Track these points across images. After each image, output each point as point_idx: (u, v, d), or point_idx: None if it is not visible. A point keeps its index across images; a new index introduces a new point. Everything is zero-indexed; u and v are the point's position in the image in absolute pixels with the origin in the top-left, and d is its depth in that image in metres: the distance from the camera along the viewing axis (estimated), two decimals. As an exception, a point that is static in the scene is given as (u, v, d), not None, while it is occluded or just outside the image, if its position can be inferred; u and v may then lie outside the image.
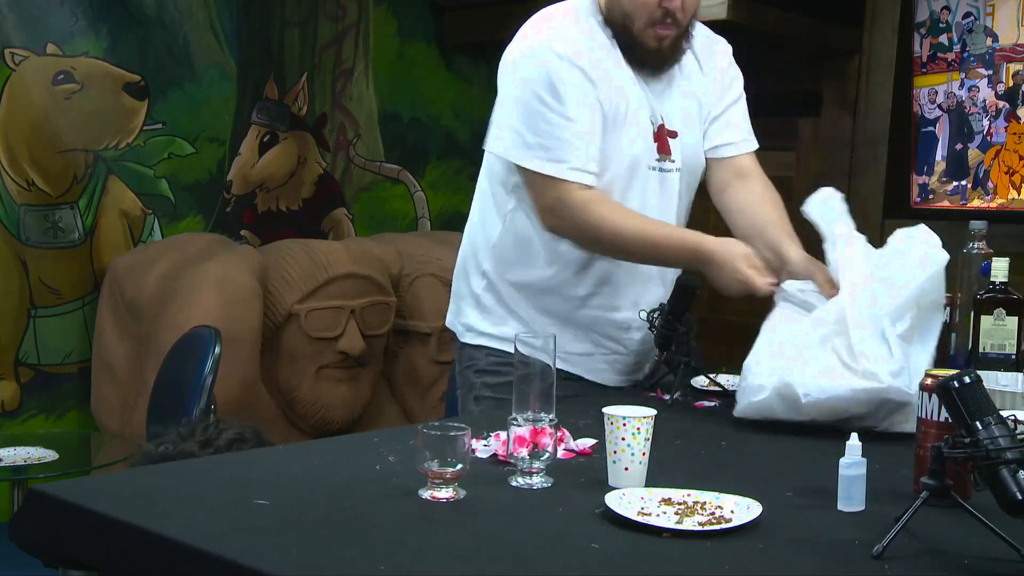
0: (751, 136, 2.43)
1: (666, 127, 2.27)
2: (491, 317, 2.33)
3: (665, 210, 2.29)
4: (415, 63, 5.07)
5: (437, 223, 5.17)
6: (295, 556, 1.31)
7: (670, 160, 2.28)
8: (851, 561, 1.35)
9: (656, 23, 2.17)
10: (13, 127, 3.97)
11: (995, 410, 1.40)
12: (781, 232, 2.27)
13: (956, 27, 4.29)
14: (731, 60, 2.42)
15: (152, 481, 1.64)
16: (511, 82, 2.23)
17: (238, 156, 4.55)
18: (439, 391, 4.33)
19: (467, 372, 2.38)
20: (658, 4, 2.15)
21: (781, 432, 2.00)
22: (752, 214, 2.33)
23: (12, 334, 4.01)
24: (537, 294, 2.29)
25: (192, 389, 3.10)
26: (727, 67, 2.40)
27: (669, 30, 2.19)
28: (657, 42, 2.20)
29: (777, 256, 2.22)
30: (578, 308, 2.29)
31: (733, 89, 2.40)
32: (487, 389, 2.31)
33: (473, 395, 2.35)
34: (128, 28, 4.20)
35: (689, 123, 2.32)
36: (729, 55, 2.41)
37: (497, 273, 2.32)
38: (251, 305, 3.83)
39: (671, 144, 2.28)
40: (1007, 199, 4.18)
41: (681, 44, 2.25)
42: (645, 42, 2.20)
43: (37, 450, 3.23)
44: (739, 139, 2.41)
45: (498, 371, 2.27)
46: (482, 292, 2.34)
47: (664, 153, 2.27)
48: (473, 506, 1.52)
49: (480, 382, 2.33)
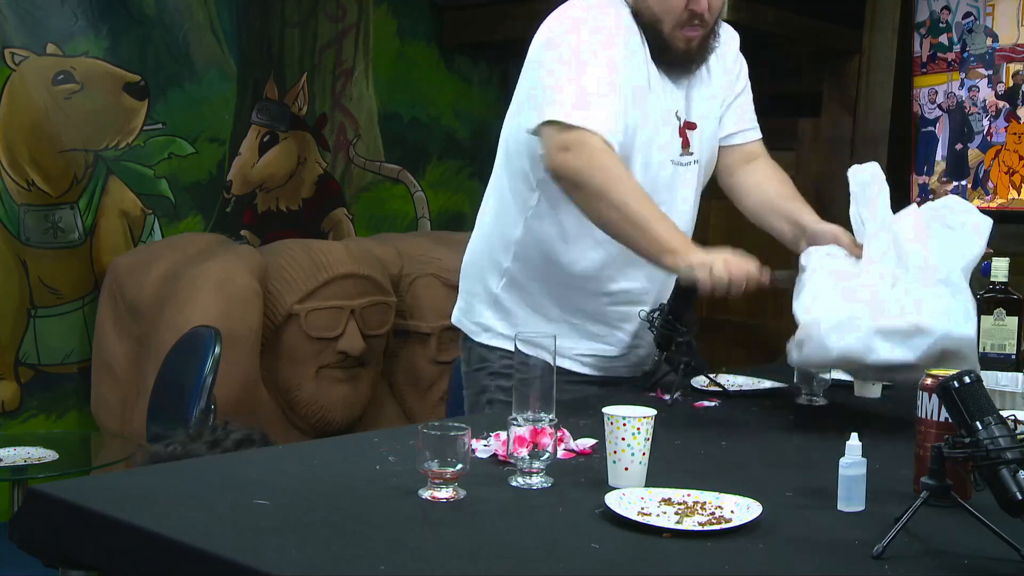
0: (756, 124, 2.47)
1: (688, 120, 2.29)
2: (510, 318, 2.31)
3: (683, 201, 2.30)
4: (415, 63, 5.07)
5: (437, 223, 5.17)
6: (295, 556, 1.31)
7: (689, 153, 2.29)
8: (851, 561, 1.35)
9: (684, 25, 2.18)
10: (13, 127, 3.97)
11: (995, 410, 1.40)
12: (797, 202, 2.31)
13: (956, 27, 4.29)
14: (738, 49, 2.43)
15: (152, 481, 1.64)
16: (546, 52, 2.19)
17: (238, 156, 4.55)
18: (439, 391, 4.33)
19: (478, 374, 2.36)
20: (685, 7, 2.16)
21: (781, 432, 2.00)
22: (763, 191, 2.37)
23: (12, 334, 4.01)
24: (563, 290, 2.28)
25: (192, 389, 3.10)
26: (736, 56, 2.43)
27: (696, 31, 2.20)
28: (686, 44, 2.21)
29: (796, 226, 2.25)
30: (605, 304, 2.28)
31: (741, 78, 2.44)
32: (501, 392, 2.29)
33: (486, 397, 2.34)
34: (128, 28, 4.20)
35: (707, 115, 2.34)
36: (736, 44, 2.43)
37: (520, 271, 2.31)
38: (251, 305, 3.83)
39: (691, 136, 2.29)
40: (1007, 199, 4.18)
41: (708, 44, 2.26)
42: (675, 44, 2.20)
43: (37, 450, 3.23)
44: (749, 126, 2.45)
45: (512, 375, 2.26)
46: (501, 292, 2.33)
47: (685, 148, 2.28)
48: (473, 506, 1.52)
49: (495, 385, 2.32)
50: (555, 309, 2.29)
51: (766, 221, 2.34)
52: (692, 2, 2.15)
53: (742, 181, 2.41)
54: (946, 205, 2.10)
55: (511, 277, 2.31)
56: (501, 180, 2.36)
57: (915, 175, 4.40)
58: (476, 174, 5.15)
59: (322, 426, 4.05)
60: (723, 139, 2.41)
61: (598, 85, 2.10)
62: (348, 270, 4.07)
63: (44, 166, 4.04)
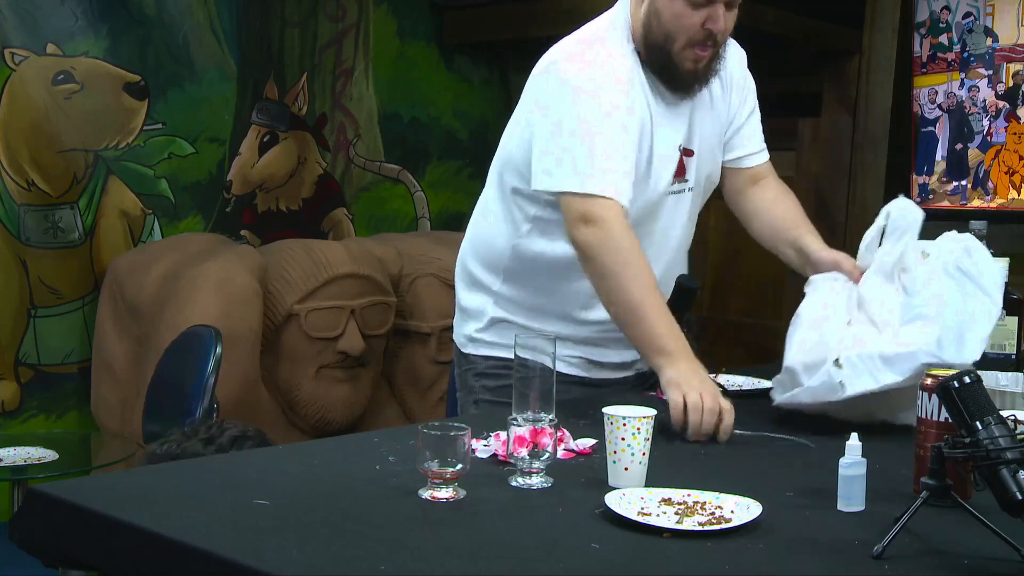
0: (764, 146, 2.44)
1: (685, 147, 2.26)
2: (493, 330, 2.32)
3: (675, 227, 2.30)
4: (415, 63, 5.07)
5: (437, 223, 5.17)
6: (295, 556, 1.31)
7: (684, 180, 2.27)
8: (851, 561, 1.35)
9: (696, 44, 2.14)
10: (13, 127, 3.97)
11: (995, 410, 1.40)
12: (801, 229, 2.31)
13: (956, 27, 4.30)
14: (746, 68, 2.40)
15: (152, 481, 1.64)
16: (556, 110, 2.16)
17: (238, 156, 4.55)
18: (439, 391, 4.33)
19: (466, 375, 2.37)
20: (701, 25, 2.12)
21: (781, 432, 2.00)
22: (770, 215, 2.36)
23: (12, 334, 4.01)
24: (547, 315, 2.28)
25: (193, 389, 3.10)
26: (744, 76, 2.39)
27: (707, 51, 2.17)
28: (694, 64, 2.17)
29: (799, 253, 2.26)
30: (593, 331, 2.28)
31: (750, 99, 2.40)
32: (486, 392, 2.31)
33: (473, 398, 2.35)
34: (128, 28, 4.21)
35: (707, 142, 2.31)
36: (744, 63, 2.40)
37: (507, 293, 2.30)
38: (251, 305, 3.83)
39: (687, 164, 2.27)
40: (1007, 199, 4.19)
41: (713, 67, 2.22)
42: (682, 63, 2.17)
43: (37, 450, 3.23)
44: (758, 149, 2.42)
45: (497, 374, 2.26)
46: (486, 307, 2.33)
47: (680, 175, 2.26)
48: (473, 506, 1.52)
49: (480, 385, 2.33)
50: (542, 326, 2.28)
51: (773, 247, 2.34)
52: (710, 21, 2.12)
53: (748, 204, 2.39)
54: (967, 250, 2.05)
55: (499, 297, 2.32)
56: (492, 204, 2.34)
57: (915, 175, 4.41)
58: (476, 174, 5.15)
59: (322, 426, 4.05)
60: (732, 161, 2.39)
61: (611, 150, 2.10)
62: (348, 270, 4.07)
63: (44, 166, 4.04)
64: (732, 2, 2.14)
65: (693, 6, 2.11)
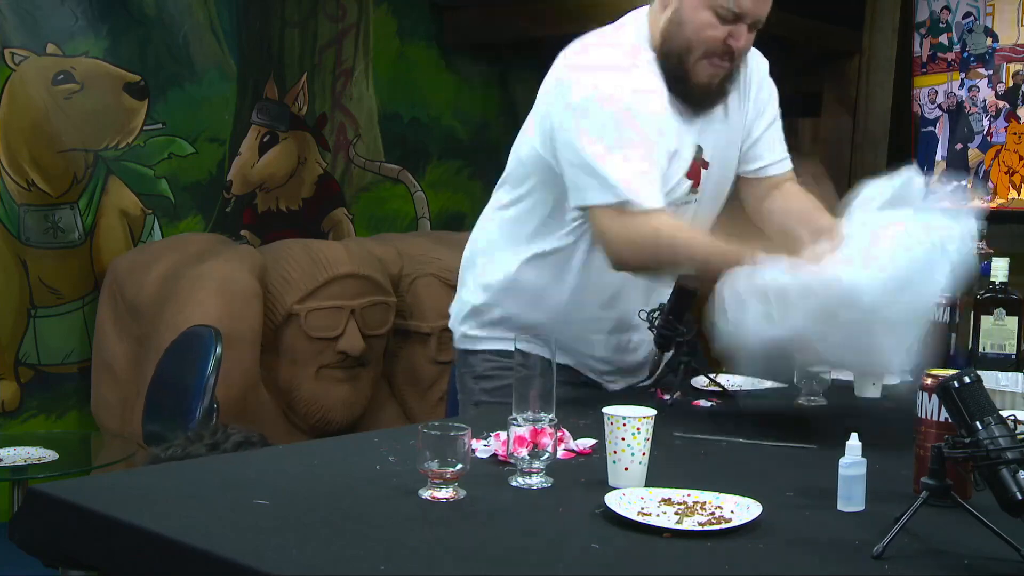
0: (787, 154, 2.40)
1: (700, 158, 2.24)
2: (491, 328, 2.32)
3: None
4: (415, 63, 5.07)
5: (437, 223, 5.17)
6: (295, 556, 1.31)
7: (695, 191, 2.24)
8: (851, 561, 1.35)
9: (713, 56, 2.12)
10: (13, 127, 3.97)
11: (995, 410, 1.40)
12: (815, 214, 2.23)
13: (956, 27, 4.30)
14: (767, 76, 2.37)
15: (152, 481, 1.64)
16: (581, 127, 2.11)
17: (238, 156, 4.55)
18: (439, 391, 4.33)
19: (465, 377, 2.37)
20: (723, 40, 2.11)
21: (781, 432, 2.00)
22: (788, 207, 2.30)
23: (12, 334, 4.01)
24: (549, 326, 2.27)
25: (193, 389, 3.10)
26: (766, 86, 2.36)
27: (722, 66, 2.15)
28: (708, 77, 2.15)
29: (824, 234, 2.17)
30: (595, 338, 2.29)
31: (769, 110, 2.36)
32: (484, 394, 2.31)
33: (472, 400, 2.35)
34: (128, 28, 4.21)
35: (723, 153, 2.28)
36: (766, 70, 2.36)
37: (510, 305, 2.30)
38: (251, 305, 3.83)
39: (702, 175, 2.24)
40: (1007, 199, 4.19)
41: (726, 86, 2.20)
42: (696, 76, 2.14)
43: (37, 450, 3.23)
44: (780, 158, 2.38)
45: (495, 375, 2.26)
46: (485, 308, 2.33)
47: (695, 188, 2.23)
48: (473, 506, 1.52)
49: (478, 387, 2.33)
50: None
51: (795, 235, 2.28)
52: (732, 37, 2.10)
53: (770, 205, 2.34)
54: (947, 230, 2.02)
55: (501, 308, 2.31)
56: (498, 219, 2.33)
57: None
58: (476, 174, 5.15)
59: (322, 426, 4.05)
60: (753, 172, 2.35)
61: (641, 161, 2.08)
62: (348, 270, 4.07)
63: (44, 166, 4.04)
64: (756, 24, 2.12)
65: (721, 20, 2.08)
